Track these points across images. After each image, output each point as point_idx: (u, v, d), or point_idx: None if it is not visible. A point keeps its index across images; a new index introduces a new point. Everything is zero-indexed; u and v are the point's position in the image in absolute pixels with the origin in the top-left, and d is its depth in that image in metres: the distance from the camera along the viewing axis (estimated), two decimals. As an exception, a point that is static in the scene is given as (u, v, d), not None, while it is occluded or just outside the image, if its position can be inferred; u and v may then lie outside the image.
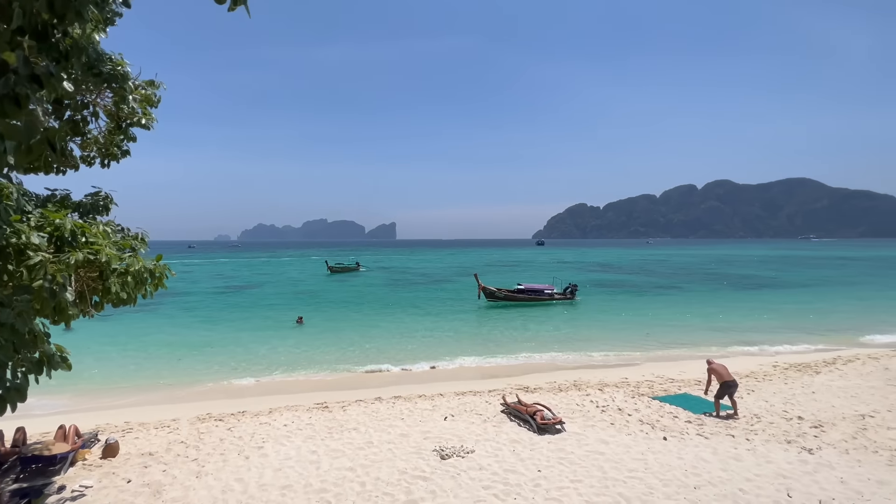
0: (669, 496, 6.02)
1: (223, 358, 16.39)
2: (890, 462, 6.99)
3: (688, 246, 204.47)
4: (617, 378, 12.77)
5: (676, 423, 8.83)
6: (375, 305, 29.62)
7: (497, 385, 12.23)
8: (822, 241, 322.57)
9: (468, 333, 20.66)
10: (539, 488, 6.29)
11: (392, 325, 22.45)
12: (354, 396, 11.23)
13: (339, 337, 19.69)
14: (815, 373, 12.62)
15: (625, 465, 6.96)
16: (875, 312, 25.64)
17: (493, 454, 7.43)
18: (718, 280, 47.32)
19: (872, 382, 11.51)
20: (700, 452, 7.37)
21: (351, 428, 8.79)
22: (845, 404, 9.84)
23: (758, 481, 6.38)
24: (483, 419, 9.16)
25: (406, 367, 15.03)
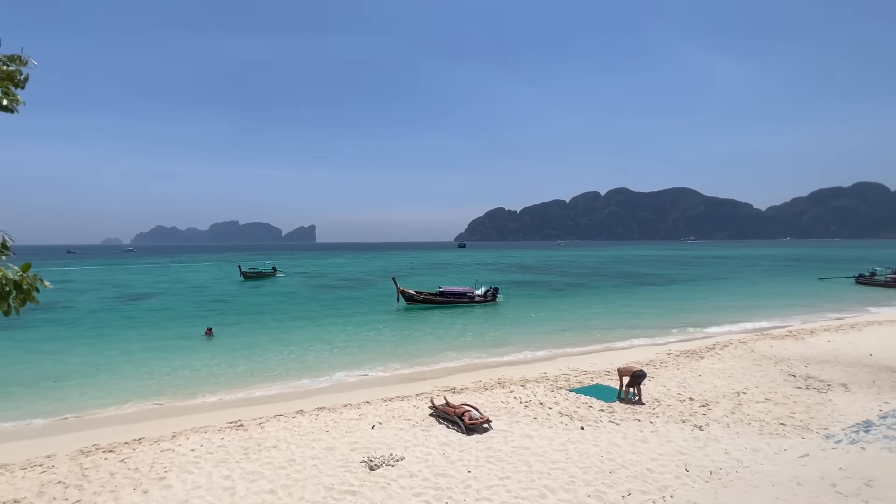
0: (589, 482, 6.43)
1: (115, 379, 14.32)
2: (760, 431, 8.18)
3: (594, 247, 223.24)
4: (537, 373, 13.43)
5: (591, 412, 9.51)
6: (293, 313, 28.01)
7: (424, 388, 12.20)
8: (699, 242, 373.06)
9: (391, 338, 20.37)
10: (470, 489, 6.35)
11: (312, 333, 21.37)
12: (273, 411, 10.47)
13: (254, 348, 18.26)
14: (700, 358, 14.41)
15: (548, 457, 7.32)
16: (743, 301, 30.11)
17: (423, 459, 7.37)
18: (620, 278, 52.24)
19: (743, 363, 13.43)
20: (613, 438, 8.01)
21: (270, 446, 8.17)
22: (724, 384, 11.35)
23: (661, 460, 7.08)
24: (412, 424, 9.07)
25: (329, 377, 14.39)
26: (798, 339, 16.82)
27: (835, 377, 11.65)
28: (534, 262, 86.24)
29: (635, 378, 10.05)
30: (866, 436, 7.20)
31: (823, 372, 12.18)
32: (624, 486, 6.31)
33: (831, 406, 9.45)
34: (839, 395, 10.23)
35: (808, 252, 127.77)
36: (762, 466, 6.57)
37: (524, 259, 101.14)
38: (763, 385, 11.12)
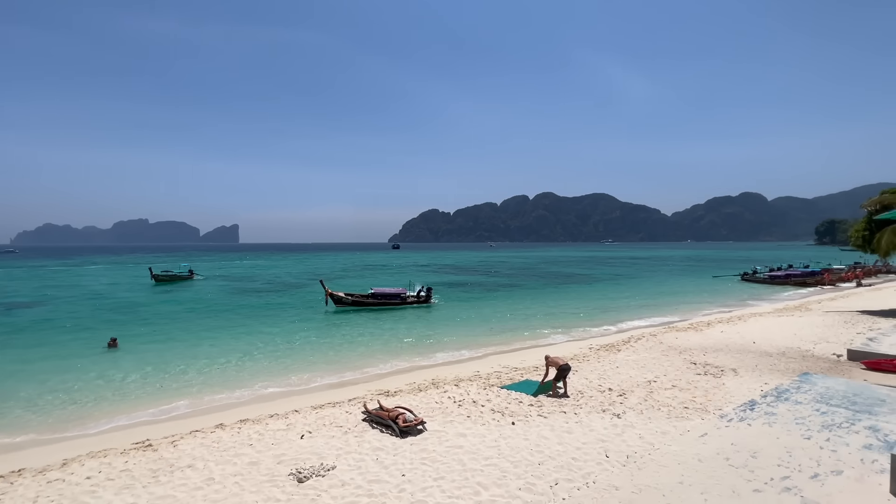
0: (519, 476, 6.66)
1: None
2: (668, 416, 9.03)
3: (523, 249, 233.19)
4: (470, 372, 13.69)
5: (521, 407, 9.87)
6: (213, 319, 25.91)
7: (357, 393, 11.90)
8: (616, 244, 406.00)
9: (321, 343, 19.62)
10: (404, 493, 6.29)
11: (233, 341, 19.92)
12: (188, 427, 9.59)
13: (168, 359, 16.61)
14: (618, 351, 15.60)
15: (481, 454, 7.47)
16: (654, 297, 33.17)
17: (355, 467, 7.16)
18: (547, 278, 55.07)
19: (653, 354, 14.76)
20: (541, 431, 8.38)
21: (185, 466, 7.46)
22: (638, 374, 12.38)
23: (585, 448, 7.54)
24: (344, 431, 8.78)
25: (253, 387, 13.50)
26: (698, 331, 18.85)
27: (727, 363, 13.21)
28: (466, 263, 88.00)
29: (562, 371, 10.62)
30: (751, 413, 8.24)
31: (718, 359, 13.76)
32: (552, 476, 6.62)
33: (724, 389, 10.69)
34: (730, 378, 11.61)
35: (705, 253, 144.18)
36: (670, 447, 7.24)
37: (457, 260, 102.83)
38: (670, 373, 12.30)
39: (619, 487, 5.97)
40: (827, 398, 8.73)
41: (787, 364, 12.94)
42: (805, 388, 9.42)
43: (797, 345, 15.47)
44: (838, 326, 18.84)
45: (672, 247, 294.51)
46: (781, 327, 19.03)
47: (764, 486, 5.78)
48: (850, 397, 8.73)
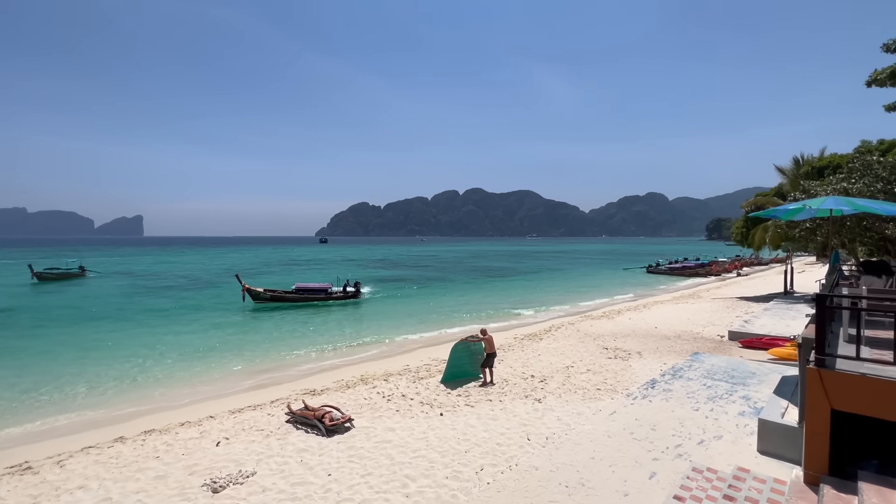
0: (447, 465, 6.82)
1: None
2: (583, 398, 9.76)
3: (453, 243, 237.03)
4: (400, 366, 13.68)
5: (450, 398, 10.08)
6: (110, 322, 23.11)
7: (280, 393, 11.36)
8: (540, 239, 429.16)
9: (238, 342, 18.40)
10: (330, 493, 6.14)
11: (137, 344, 17.96)
12: (80, 444, 8.50)
13: (52, 370, 14.52)
14: (539, 339, 16.51)
15: (410, 447, 7.52)
16: (572, 288, 35.55)
17: (278, 471, 6.85)
18: (475, 271, 56.58)
19: (571, 342, 15.84)
20: (468, 420, 8.63)
21: (74, 487, 6.61)
22: (557, 360, 13.21)
23: (509, 433, 7.91)
24: (265, 434, 8.34)
25: (161, 393, 12.30)
26: (609, 319, 20.56)
27: (633, 347, 14.58)
28: (397, 258, 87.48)
29: (489, 359, 11.04)
30: (652, 391, 9.20)
31: (626, 344, 15.13)
32: (478, 462, 6.86)
33: (631, 370, 11.80)
34: (636, 361, 12.83)
35: (617, 248, 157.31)
36: (584, 426, 7.86)
37: (388, 254, 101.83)
38: (585, 358, 13.29)
39: (538, 467, 6.36)
40: (712, 374, 9.99)
41: (682, 345, 14.60)
42: (696, 366, 10.70)
43: (690, 328, 17.49)
44: (722, 311, 21.62)
45: (589, 241, 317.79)
46: (678, 313, 21.39)
47: (661, 455, 6.48)
48: (730, 372, 10.09)
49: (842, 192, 17.29)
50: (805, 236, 20.14)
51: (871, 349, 5.86)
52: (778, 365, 10.77)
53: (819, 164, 28.26)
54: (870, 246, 19.95)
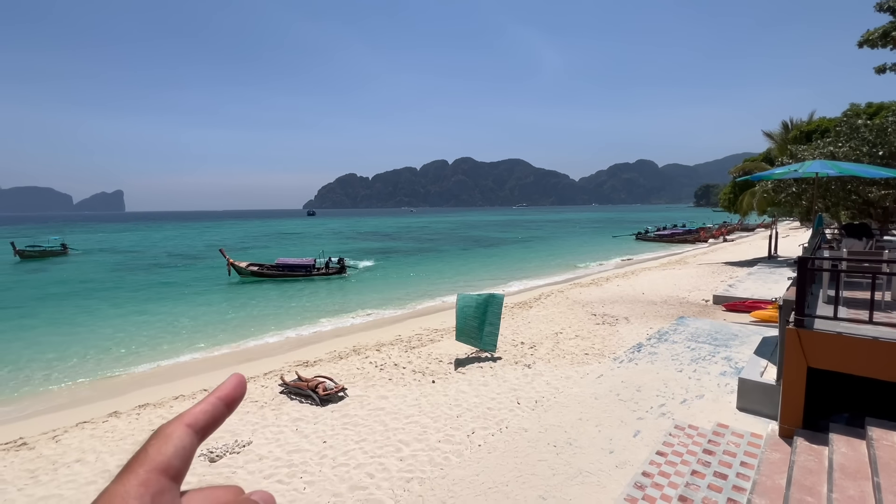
0: (439, 429, 7.01)
1: None
2: (571, 362, 10.01)
3: (443, 214, 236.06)
4: (392, 336, 13.84)
5: (441, 366, 10.27)
6: (97, 299, 22.84)
7: (273, 365, 11.46)
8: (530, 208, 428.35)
9: (228, 316, 18.39)
10: (326, 459, 6.30)
11: (123, 321, 17.87)
12: (74, 419, 8.55)
13: (41, 346, 14.44)
14: (530, 307, 16.76)
15: (403, 413, 7.70)
16: (562, 256, 35.90)
17: (273, 439, 6.99)
18: (466, 241, 56.70)
19: (561, 309, 16.11)
20: (460, 387, 8.83)
21: (72, 461, 6.69)
22: (547, 328, 13.46)
23: (499, 398, 8.12)
24: (260, 405, 8.46)
25: (152, 367, 12.34)
26: (598, 286, 20.88)
27: (621, 313, 14.89)
28: (387, 229, 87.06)
29: None
30: (638, 354, 9.47)
31: (614, 310, 15.44)
32: (469, 426, 7.06)
33: (618, 335, 12.08)
34: (623, 326, 13.13)
35: (607, 215, 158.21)
36: (572, 390, 8.10)
37: (377, 226, 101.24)
38: (574, 325, 13.56)
39: (527, 429, 6.57)
40: (696, 336, 10.28)
41: (668, 310, 14.94)
42: (680, 329, 10.99)
43: (676, 293, 17.87)
44: (707, 276, 22.07)
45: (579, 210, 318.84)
46: (665, 279, 21.79)
47: (645, 414, 6.72)
48: (713, 334, 10.38)
49: (828, 155, 17.38)
50: (790, 201, 20.37)
51: (848, 309, 6.04)
52: (759, 327, 11.11)
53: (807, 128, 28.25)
54: (853, 210, 20.29)
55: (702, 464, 5.16)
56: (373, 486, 5.61)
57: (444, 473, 5.72)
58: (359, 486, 5.63)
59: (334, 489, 5.60)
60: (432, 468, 5.93)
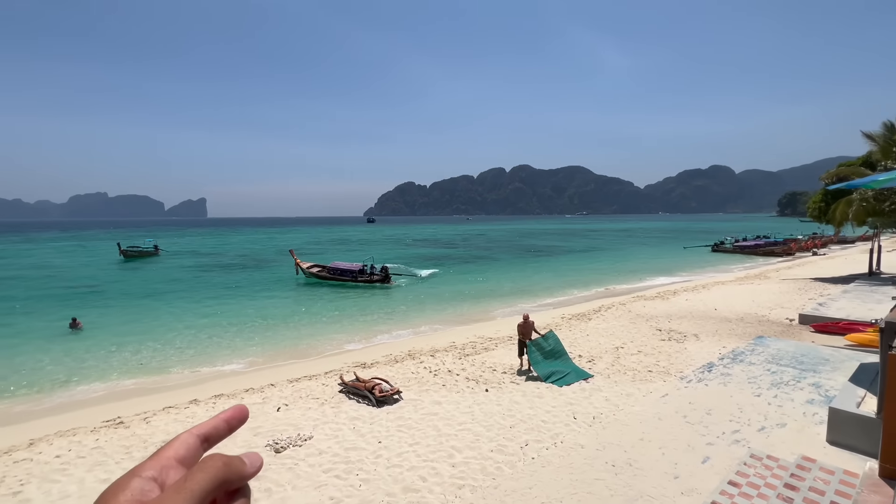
0: (492, 438, 6.95)
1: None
2: (633, 379, 9.51)
3: (499, 222, 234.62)
4: (446, 343, 13.94)
5: (495, 375, 10.19)
6: (182, 295, 25.27)
7: (333, 365, 11.99)
8: (590, 217, 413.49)
9: (294, 316, 19.50)
10: (380, 459, 6.48)
11: (204, 317, 19.57)
12: (161, 404, 9.50)
13: (136, 337, 16.21)
14: (588, 319, 16.15)
15: (455, 420, 7.73)
16: (625, 268, 34.23)
17: (332, 436, 7.30)
18: (522, 250, 55.84)
19: (622, 322, 15.36)
20: (513, 397, 8.70)
21: (158, 441, 7.44)
22: (606, 341, 12.90)
23: (554, 411, 7.90)
24: (320, 402, 8.89)
25: (227, 361, 13.40)
26: (664, 300, 19.66)
27: (689, 329, 13.90)
28: (443, 237, 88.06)
29: (521, 346, 10.43)
30: (709, 374, 8.77)
31: (681, 325, 14.45)
32: (522, 437, 6.93)
33: (686, 353, 11.29)
34: (692, 343, 12.25)
35: (676, 224, 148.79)
36: (633, 408, 7.68)
37: (434, 233, 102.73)
38: (637, 340, 12.87)
39: (584, 445, 6.32)
40: (777, 359, 9.35)
41: (745, 329, 13.72)
42: (759, 350, 10.06)
43: (755, 310, 16.37)
44: (793, 293, 19.99)
45: (645, 219, 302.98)
46: (741, 295, 20.05)
47: (716, 440, 6.22)
48: (798, 357, 9.38)
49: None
50: (896, 210, 17.95)
51: (971, 336, 5.21)
52: (856, 352, 9.88)
53: (918, 128, 24.80)
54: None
55: (782, 499, 4.68)
56: (425, 490, 5.67)
57: (497, 484, 5.66)
58: (411, 489, 5.72)
59: (388, 489, 5.74)
60: (484, 477, 5.89)
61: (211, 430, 0.47)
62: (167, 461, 0.41)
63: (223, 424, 0.48)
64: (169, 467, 0.40)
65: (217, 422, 0.48)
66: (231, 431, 0.49)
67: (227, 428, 0.48)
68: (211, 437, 0.47)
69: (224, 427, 0.48)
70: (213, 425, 0.48)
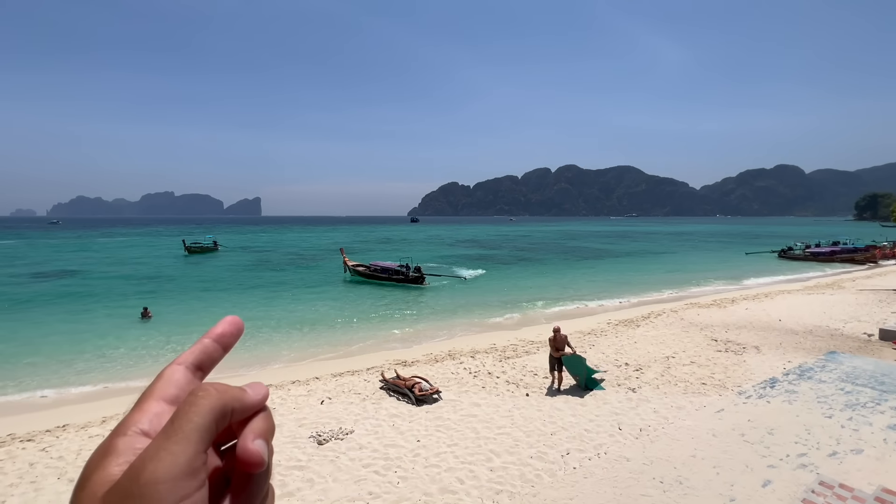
0: (531, 445, 6.79)
1: (33, 364, 13.12)
2: (684, 391, 8.98)
3: (544, 223, 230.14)
4: (486, 344, 13.83)
5: (536, 380, 9.97)
6: (239, 289, 26.78)
7: (375, 362, 12.22)
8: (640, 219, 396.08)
9: (340, 312, 20.07)
10: (419, 457, 6.51)
11: (258, 310, 20.61)
12: (216, 391, 10.08)
13: (197, 327, 17.34)
14: (637, 326, 15.45)
15: (495, 423, 7.63)
16: (678, 273, 32.46)
17: (373, 431, 7.43)
18: (567, 252, 54.43)
19: (674, 330, 14.56)
20: (555, 403, 8.47)
21: (212, 426, 7.89)
22: (656, 350, 12.27)
23: (598, 420, 7.60)
24: (362, 398, 9.08)
25: (277, 353, 14.03)
26: (721, 308, 18.44)
27: (749, 341, 12.94)
28: (486, 238, 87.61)
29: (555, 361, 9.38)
30: (771, 391, 8.11)
31: (740, 336, 13.48)
32: (563, 446, 6.72)
33: (745, 366, 10.51)
34: (752, 356, 11.39)
35: (736, 228, 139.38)
36: (684, 422, 7.24)
37: (476, 234, 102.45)
38: (689, 349, 12.15)
39: (629, 459, 6.03)
40: (853, 377, 8.49)
41: (814, 343, 12.59)
42: (830, 366, 9.18)
43: (826, 323, 14.99)
44: (872, 305, 18.12)
45: (700, 221, 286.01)
46: (810, 305, 18.43)
47: (779, 462, 5.73)
48: (878, 377, 8.48)
49: None
50: None
51: None
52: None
53: None
54: None
55: (858, 534, 4.22)
56: (462, 493, 5.63)
57: (536, 491, 5.52)
58: (448, 490, 5.70)
59: (425, 488, 5.75)
60: (523, 484, 5.76)
61: (201, 355, 0.38)
62: (157, 405, 0.33)
63: (213, 345, 0.39)
64: (159, 413, 0.33)
65: (205, 343, 0.38)
66: (226, 350, 0.40)
67: (219, 348, 0.39)
68: (204, 363, 0.38)
69: (215, 347, 0.39)
70: (202, 348, 0.38)
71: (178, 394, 0.35)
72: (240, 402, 0.33)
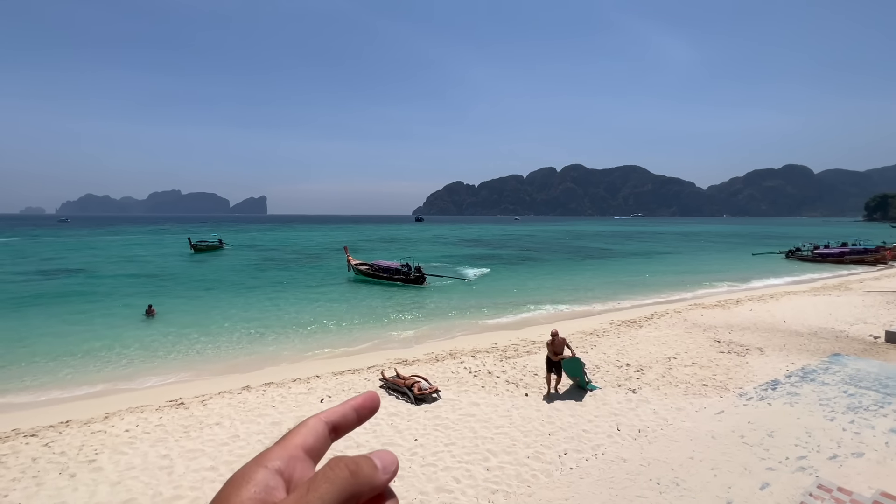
0: (529, 444, 6.78)
1: (38, 360, 13.28)
2: (685, 392, 8.92)
3: (549, 223, 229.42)
4: (488, 344, 13.82)
5: (536, 380, 9.95)
6: (243, 288, 26.93)
7: (376, 360, 12.25)
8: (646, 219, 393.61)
9: (342, 311, 20.13)
10: (416, 456, 6.52)
11: (261, 308, 20.72)
12: (217, 388, 10.16)
13: (200, 325, 17.46)
14: (639, 327, 15.37)
15: (493, 423, 7.62)
16: (683, 274, 32.24)
17: (370, 430, 7.45)
18: (572, 252, 54.25)
19: (676, 331, 14.48)
20: (554, 403, 8.45)
21: (213, 423, 7.95)
22: (658, 350, 12.20)
23: (597, 421, 7.58)
24: (361, 396, 9.09)
25: (279, 351, 14.10)
26: (725, 309, 18.31)
27: (753, 342, 12.84)
28: (490, 237, 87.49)
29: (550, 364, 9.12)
30: (773, 393, 8.04)
31: (744, 338, 13.38)
32: (561, 446, 6.71)
33: (747, 368, 10.43)
34: (755, 357, 11.30)
35: (743, 228, 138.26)
36: (683, 423, 7.20)
37: (481, 233, 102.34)
38: (691, 350, 12.07)
39: (627, 460, 6.01)
40: (857, 380, 8.40)
41: (818, 344, 12.47)
42: (834, 369, 9.10)
43: (831, 325, 14.84)
44: (879, 307, 17.90)
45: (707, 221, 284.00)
46: (816, 306, 18.24)
47: (778, 465, 5.69)
48: (883, 380, 8.38)
49: None
50: None
51: None
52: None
53: None
54: None
55: (855, 539, 4.17)
56: (458, 492, 5.64)
57: (531, 491, 5.51)
58: (444, 489, 5.70)
59: (421, 487, 5.76)
60: (519, 484, 5.76)
61: (339, 419, 0.43)
62: (294, 450, 0.37)
63: (352, 413, 0.44)
64: (296, 458, 0.37)
65: (346, 409, 0.44)
66: (360, 422, 0.44)
67: (356, 417, 0.44)
68: (339, 427, 0.43)
69: (353, 416, 0.44)
70: (342, 413, 0.43)
71: (315, 445, 0.39)
72: (370, 483, 0.36)
